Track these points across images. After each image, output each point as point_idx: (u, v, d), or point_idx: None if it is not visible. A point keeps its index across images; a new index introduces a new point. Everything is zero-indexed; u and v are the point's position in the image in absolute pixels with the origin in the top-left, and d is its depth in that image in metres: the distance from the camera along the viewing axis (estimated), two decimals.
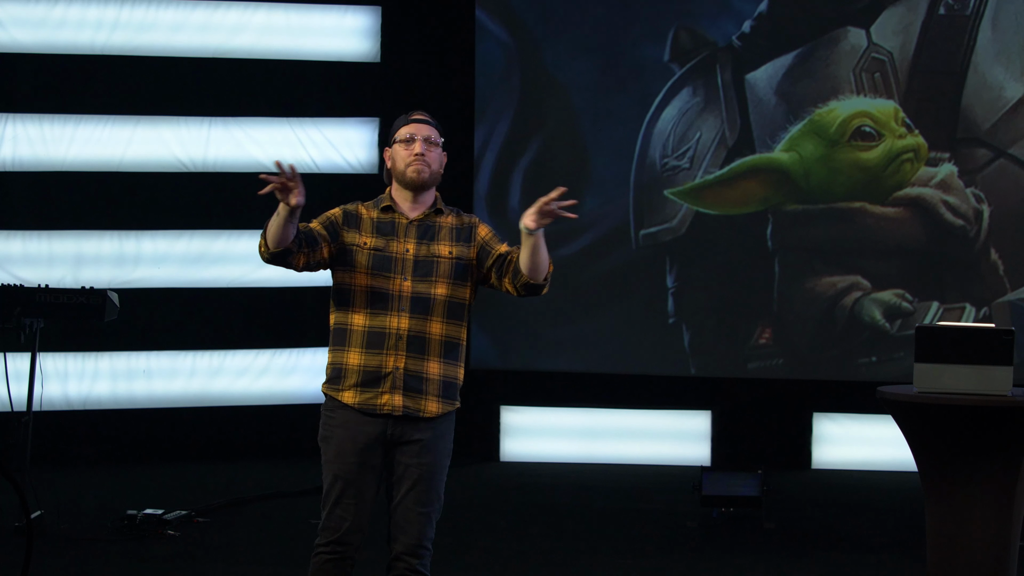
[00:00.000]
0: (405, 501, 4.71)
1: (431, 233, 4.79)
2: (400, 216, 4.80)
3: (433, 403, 4.75)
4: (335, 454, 4.74)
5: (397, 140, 4.82)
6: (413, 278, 4.73)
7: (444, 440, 4.79)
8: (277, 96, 10.37)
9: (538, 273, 4.71)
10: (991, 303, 9.96)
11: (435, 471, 4.75)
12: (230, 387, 10.29)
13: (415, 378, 4.72)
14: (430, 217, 4.82)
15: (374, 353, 4.70)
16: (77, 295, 7.80)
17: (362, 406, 4.71)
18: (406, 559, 4.70)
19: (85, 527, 7.75)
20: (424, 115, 4.89)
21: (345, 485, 4.72)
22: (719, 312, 10.32)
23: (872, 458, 10.10)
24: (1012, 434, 5.38)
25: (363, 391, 4.71)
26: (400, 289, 4.72)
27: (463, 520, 8.42)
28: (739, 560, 7.42)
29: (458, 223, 4.85)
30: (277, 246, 4.60)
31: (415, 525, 4.70)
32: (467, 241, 4.82)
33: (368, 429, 4.71)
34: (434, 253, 4.77)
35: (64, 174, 10.05)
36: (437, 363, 4.75)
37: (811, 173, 10.16)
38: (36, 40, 10.03)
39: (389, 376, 4.70)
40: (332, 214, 4.82)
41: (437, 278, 4.75)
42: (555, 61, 10.45)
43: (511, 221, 10.48)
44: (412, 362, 4.71)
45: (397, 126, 4.87)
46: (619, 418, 10.45)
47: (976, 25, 9.96)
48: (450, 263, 4.77)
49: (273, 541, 7.72)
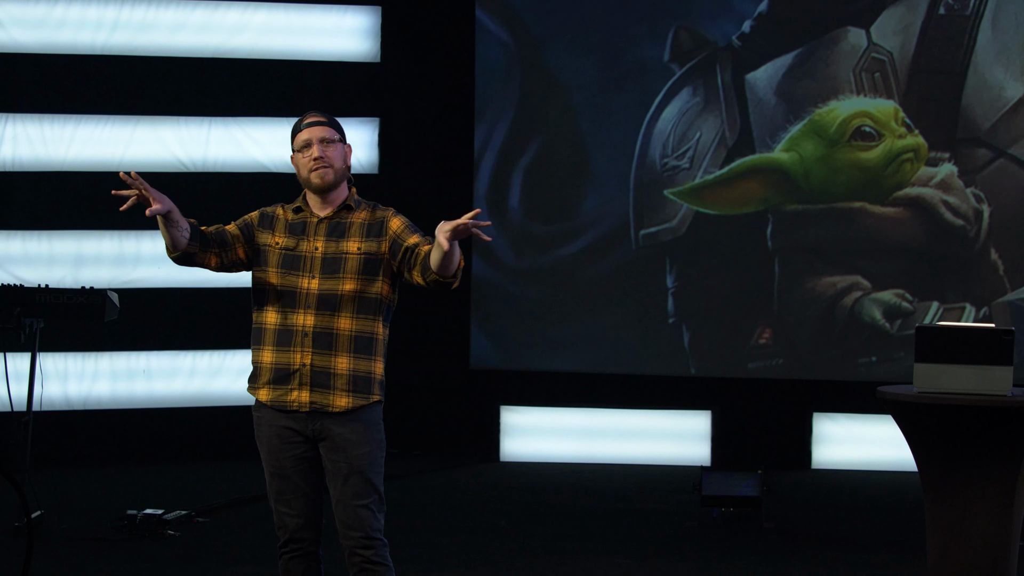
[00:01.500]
0: (343, 497, 4.76)
1: (340, 230, 4.83)
2: (311, 215, 4.85)
3: (341, 398, 4.76)
4: (267, 451, 4.84)
5: (295, 149, 4.88)
6: (321, 276, 4.78)
7: (371, 432, 4.79)
8: (277, 96, 10.36)
9: (448, 270, 4.69)
10: (991, 303, 9.96)
11: (364, 464, 4.76)
12: (230, 387, 10.29)
13: (322, 374, 4.75)
14: (340, 215, 4.86)
15: (283, 351, 4.78)
16: (77, 295, 7.80)
17: (274, 403, 4.79)
18: (359, 552, 4.76)
19: (85, 527, 7.74)
20: (316, 115, 4.95)
21: (281, 481, 4.81)
22: (719, 312, 10.32)
23: (872, 458, 10.09)
24: (1012, 434, 5.38)
25: (275, 388, 4.79)
26: (308, 287, 4.77)
27: (463, 520, 8.42)
28: (739, 560, 7.42)
29: (370, 218, 4.87)
30: (174, 250, 4.76)
31: (357, 519, 4.75)
32: (378, 235, 4.83)
33: (287, 424, 4.79)
34: (342, 250, 4.81)
35: (64, 174, 10.05)
36: (346, 358, 4.77)
37: (811, 173, 10.16)
38: (36, 40, 10.03)
39: (297, 373, 4.76)
40: (249, 216, 4.91)
41: (344, 275, 4.78)
42: (555, 61, 10.45)
43: (511, 221, 10.51)
44: (319, 358, 4.75)
45: (293, 133, 4.92)
46: (619, 418, 10.45)
47: (976, 25, 9.96)
48: (358, 259, 4.80)
49: (273, 541, 7.70)
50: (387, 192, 8.89)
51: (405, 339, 9.23)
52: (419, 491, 9.27)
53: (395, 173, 10.53)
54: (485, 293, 10.43)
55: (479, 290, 10.44)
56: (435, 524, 8.21)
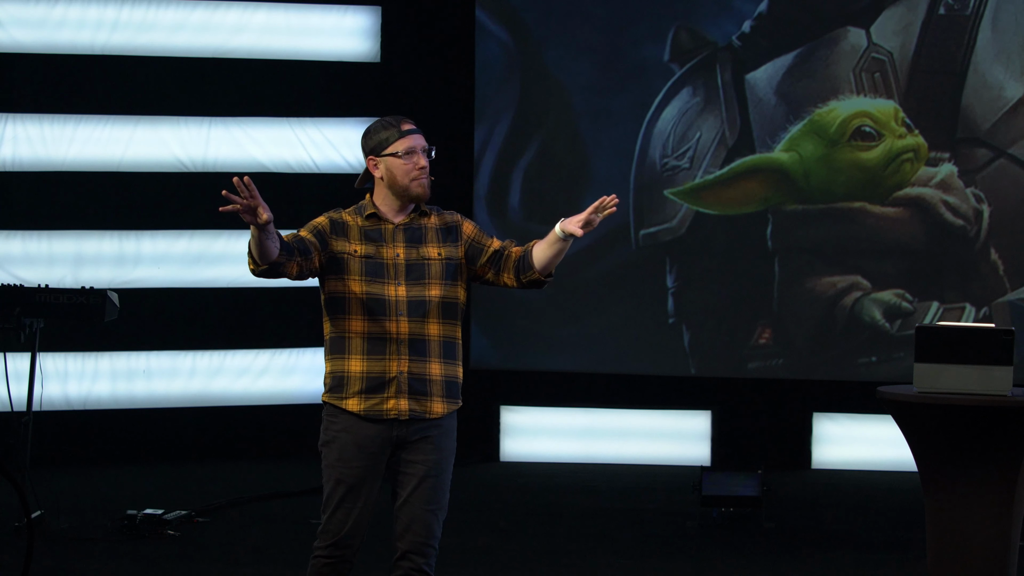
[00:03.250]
0: (412, 499, 4.71)
1: (418, 236, 4.80)
2: (386, 222, 4.80)
3: (439, 404, 4.76)
4: (337, 458, 4.73)
5: (395, 153, 4.78)
6: (407, 282, 4.74)
7: (449, 439, 4.81)
8: (277, 96, 10.36)
9: (551, 268, 4.84)
10: (991, 303, 9.96)
11: (442, 469, 4.76)
12: (230, 387, 10.29)
13: (419, 381, 4.73)
14: (415, 220, 4.82)
15: (376, 359, 4.71)
16: (77, 295, 7.80)
17: (368, 412, 4.71)
18: (412, 558, 4.69)
19: (85, 527, 7.75)
20: (412, 123, 4.87)
21: (347, 489, 4.72)
22: (719, 312, 10.32)
23: (872, 458, 10.09)
24: (1012, 434, 5.38)
25: (368, 398, 4.71)
26: (396, 294, 4.72)
27: (463, 520, 8.42)
28: (739, 560, 7.42)
29: (442, 223, 4.85)
30: (262, 262, 4.59)
31: (422, 523, 4.70)
32: (454, 241, 4.83)
33: (372, 432, 4.71)
34: (424, 256, 4.78)
35: (64, 174, 10.05)
36: (438, 364, 4.77)
37: (811, 173, 10.16)
38: (36, 40, 10.03)
39: (393, 381, 4.70)
40: (319, 223, 4.80)
41: (430, 280, 4.76)
42: (555, 61, 10.45)
43: (511, 221, 10.51)
44: (415, 365, 4.72)
45: (389, 137, 4.80)
46: (619, 418, 10.44)
47: (976, 25, 9.96)
48: (440, 264, 4.78)
49: (273, 541, 7.72)
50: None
51: None
52: None
53: None
54: (485, 293, 10.43)
55: (479, 290, 10.43)
56: None
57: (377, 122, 4.87)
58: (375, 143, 4.83)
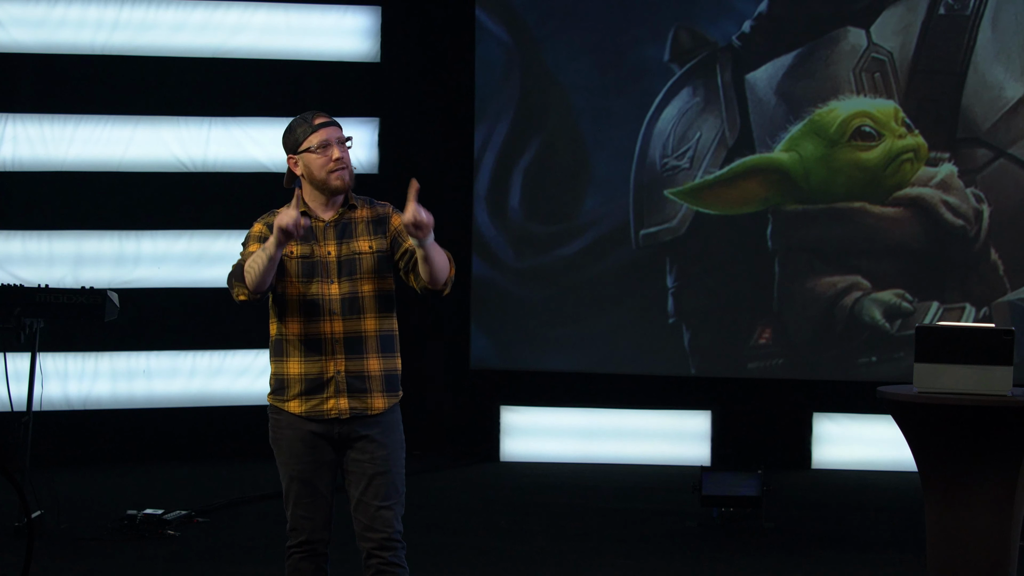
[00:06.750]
0: (365, 498, 4.73)
1: (349, 231, 4.77)
2: (316, 220, 4.77)
3: (379, 399, 4.76)
4: (288, 456, 4.79)
5: (310, 148, 4.75)
6: (339, 280, 4.73)
7: (394, 432, 4.80)
8: (277, 96, 10.36)
9: (436, 280, 4.70)
10: (991, 303, 9.96)
11: (390, 464, 4.76)
12: (230, 387, 10.29)
13: (357, 378, 4.72)
14: (345, 215, 4.79)
15: (313, 360, 4.73)
16: (77, 295, 7.80)
17: (309, 413, 4.74)
18: (379, 554, 4.74)
19: (85, 527, 7.75)
20: (326, 116, 4.85)
21: (301, 484, 4.77)
22: (719, 312, 10.32)
23: (872, 458, 10.09)
24: (1012, 434, 5.38)
25: (308, 399, 4.74)
26: (330, 293, 4.71)
27: (463, 520, 8.42)
28: (739, 560, 7.42)
29: (372, 215, 4.82)
30: (257, 291, 4.64)
31: (381, 520, 4.72)
32: (384, 233, 4.79)
33: (316, 429, 4.74)
34: (355, 251, 4.75)
35: (64, 174, 10.05)
36: (376, 359, 4.75)
37: (811, 173, 10.16)
38: (36, 40, 10.03)
39: (331, 381, 4.72)
40: (260, 233, 4.79)
41: (362, 275, 4.74)
42: (555, 61, 10.45)
43: (511, 221, 10.51)
44: (352, 363, 4.72)
45: (303, 133, 4.77)
46: (619, 418, 10.44)
47: (976, 25, 9.96)
48: (372, 258, 4.76)
49: (273, 541, 7.71)
50: (387, 192, 8.84)
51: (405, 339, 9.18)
52: (419, 491, 9.26)
53: (395, 173, 10.52)
54: (485, 293, 10.43)
55: (479, 290, 10.44)
56: (435, 524, 8.21)
57: (293, 120, 4.86)
58: (292, 141, 4.81)
